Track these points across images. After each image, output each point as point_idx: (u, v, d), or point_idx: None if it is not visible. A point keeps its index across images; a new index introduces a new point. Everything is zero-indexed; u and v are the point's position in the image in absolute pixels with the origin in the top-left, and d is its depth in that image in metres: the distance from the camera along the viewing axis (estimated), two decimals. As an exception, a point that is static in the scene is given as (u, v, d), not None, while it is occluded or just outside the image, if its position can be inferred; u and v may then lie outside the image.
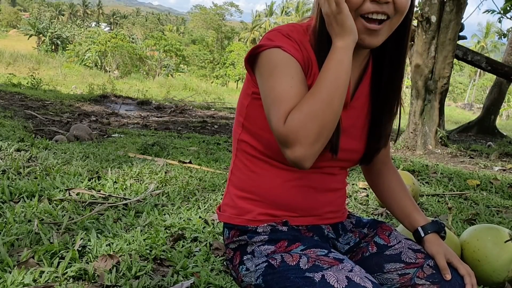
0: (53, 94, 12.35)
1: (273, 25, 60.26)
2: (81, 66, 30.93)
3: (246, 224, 1.16)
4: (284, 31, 1.07)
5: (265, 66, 1.04)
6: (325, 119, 0.96)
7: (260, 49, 1.05)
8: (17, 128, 5.68)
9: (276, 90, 1.00)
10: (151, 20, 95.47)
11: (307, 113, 0.95)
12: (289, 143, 0.95)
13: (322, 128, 0.95)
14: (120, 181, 3.36)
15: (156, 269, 2.03)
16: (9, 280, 1.72)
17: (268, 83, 1.03)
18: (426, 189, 4.02)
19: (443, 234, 1.23)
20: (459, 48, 8.19)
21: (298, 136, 0.94)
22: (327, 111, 0.96)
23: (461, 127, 12.84)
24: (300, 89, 1.00)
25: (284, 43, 1.04)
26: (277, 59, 1.03)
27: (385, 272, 1.17)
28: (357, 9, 1.02)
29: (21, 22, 63.99)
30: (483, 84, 46.72)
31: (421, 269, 1.13)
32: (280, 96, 0.99)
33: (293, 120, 0.95)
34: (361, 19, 1.03)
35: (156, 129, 7.98)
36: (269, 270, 1.06)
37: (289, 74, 1.01)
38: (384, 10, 1.02)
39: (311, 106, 0.95)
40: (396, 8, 1.03)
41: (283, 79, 1.01)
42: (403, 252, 1.17)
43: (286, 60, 1.02)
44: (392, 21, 1.05)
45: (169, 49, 38.63)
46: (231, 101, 18.11)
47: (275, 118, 0.98)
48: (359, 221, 1.31)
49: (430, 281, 1.11)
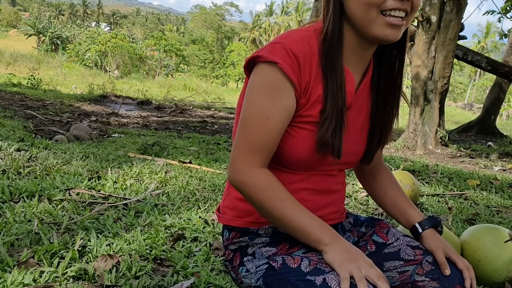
0: (53, 94, 12.35)
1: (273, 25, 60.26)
2: (81, 66, 30.90)
3: (248, 226, 1.16)
4: (288, 45, 1.04)
5: (256, 78, 1.05)
6: (267, 214, 1.07)
7: (258, 59, 1.05)
8: (17, 128, 5.68)
9: (255, 112, 1.05)
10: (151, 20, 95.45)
11: (263, 206, 1.06)
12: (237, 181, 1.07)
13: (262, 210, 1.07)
14: (120, 181, 3.36)
15: (156, 269, 2.03)
16: (9, 280, 1.72)
17: (251, 97, 1.05)
18: (426, 189, 4.02)
19: (440, 229, 1.24)
20: (459, 48, 8.19)
21: (245, 191, 1.07)
22: (262, 214, 1.09)
23: (461, 127, 12.84)
24: (275, 123, 1.04)
25: (282, 60, 1.02)
26: (269, 77, 1.03)
27: (384, 270, 1.17)
28: (380, 5, 1.02)
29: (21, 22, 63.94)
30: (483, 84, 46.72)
31: (420, 265, 1.14)
32: (256, 123, 1.04)
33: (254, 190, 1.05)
34: (383, 17, 1.03)
35: (156, 129, 7.98)
36: (269, 272, 1.06)
37: (273, 100, 1.03)
38: (405, 7, 1.04)
39: (268, 210, 1.05)
40: (412, 5, 1.05)
41: (264, 103, 1.03)
42: (401, 249, 1.18)
43: (276, 82, 1.03)
44: (409, 17, 1.06)
45: (169, 49, 38.65)
46: (231, 101, 18.12)
47: (241, 156, 1.06)
48: (356, 219, 1.31)
49: (430, 277, 1.12)
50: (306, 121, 1.08)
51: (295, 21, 58.49)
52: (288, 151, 1.10)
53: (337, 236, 1.03)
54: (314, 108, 1.08)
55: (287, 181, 1.14)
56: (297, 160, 1.11)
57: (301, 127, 1.09)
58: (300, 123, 1.08)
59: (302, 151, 1.09)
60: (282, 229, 1.08)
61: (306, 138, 1.08)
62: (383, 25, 1.03)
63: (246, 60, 1.09)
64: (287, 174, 1.14)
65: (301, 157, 1.10)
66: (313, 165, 1.13)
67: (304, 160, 1.11)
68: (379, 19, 1.03)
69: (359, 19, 1.05)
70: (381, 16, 1.03)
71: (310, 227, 1.03)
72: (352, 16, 1.06)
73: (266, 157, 1.07)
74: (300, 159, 1.10)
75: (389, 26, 1.03)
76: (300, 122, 1.08)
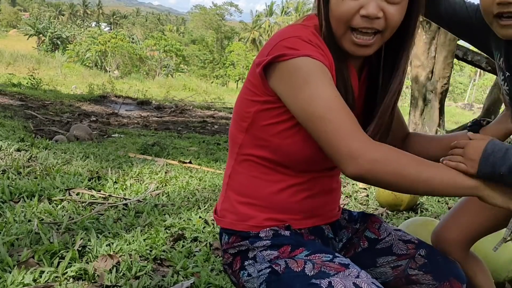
0: (53, 94, 12.35)
1: (273, 25, 60.20)
2: (81, 66, 30.88)
3: (250, 230, 1.14)
4: (305, 36, 1.02)
5: (294, 75, 0.99)
6: (399, 186, 0.96)
7: (283, 58, 0.99)
8: (17, 128, 5.69)
9: (322, 98, 0.97)
10: (151, 20, 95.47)
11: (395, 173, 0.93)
12: (367, 163, 0.92)
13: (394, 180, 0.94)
14: (120, 181, 3.36)
15: (156, 269, 2.03)
16: (9, 280, 1.72)
17: (305, 92, 0.98)
18: (426, 189, 4.02)
19: (486, 122, 1.28)
20: (459, 48, 8.19)
21: (378, 169, 0.93)
22: (404, 186, 0.95)
23: (461, 127, 12.84)
24: (341, 98, 0.98)
25: (311, 51, 1.00)
26: (308, 67, 0.98)
27: (378, 266, 1.18)
28: (347, 22, 1.01)
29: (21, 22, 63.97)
30: (483, 84, 46.71)
31: (413, 259, 1.15)
32: (334, 106, 0.96)
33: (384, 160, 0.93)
34: (350, 33, 1.02)
35: (156, 129, 7.98)
36: (273, 276, 1.04)
37: (327, 83, 0.98)
38: (374, 26, 1.01)
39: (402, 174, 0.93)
40: (387, 24, 1.02)
41: (324, 88, 0.97)
42: (394, 244, 1.19)
43: (319, 68, 0.99)
44: (384, 34, 1.04)
45: (169, 49, 38.61)
46: (231, 101, 18.10)
47: (353, 141, 0.94)
48: (350, 215, 1.31)
49: (423, 271, 1.13)
50: None
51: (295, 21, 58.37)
52: (295, 150, 1.09)
53: (477, 178, 0.96)
54: None
55: (288, 182, 1.13)
56: (304, 159, 1.10)
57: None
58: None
59: (309, 149, 1.08)
60: (429, 191, 0.98)
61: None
62: (350, 42, 1.03)
63: (263, 63, 1.02)
64: (290, 176, 1.14)
65: (308, 154, 1.09)
66: (318, 163, 1.13)
67: (311, 159, 1.10)
68: (347, 35, 1.03)
69: (334, 32, 1.05)
70: (349, 33, 1.03)
71: (456, 176, 0.96)
72: (332, 26, 1.06)
73: (362, 129, 1.00)
74: (307, 157, 1.10)
75: (355, 44, 1.03)
76: None
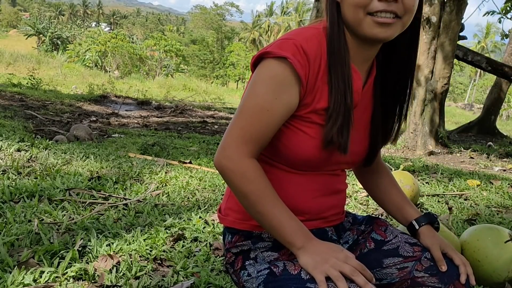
0: (53, 94, 12.34)
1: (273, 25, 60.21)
2: (81, 66, 30.85)
3: (253, 229, 1.15)
4: (299, 41, 1.04)
5: (262, 71, 1.04)
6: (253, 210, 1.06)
7: (267, 55, 1.04)
8: (17, 128, 5.68)
9: (253, 99, 1.04)
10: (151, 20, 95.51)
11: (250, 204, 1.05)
12: (225, 167, 1.05)
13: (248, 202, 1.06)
14: (120, 181, 3.36)
15: (156, 269, 2.03)
16: (9, 280, 1.72)
17: (255, 88, 1.04)
18: (426, 189, 4.02)
19: (437, 225, 1.25)
20: (460, 49, 8.19)
21: (231, 178, 1.06)
22: (251, 210, 1.07)
23: (461, 127, 12.83)
24: (274, 116, 1.03)
25: (292, 55, 1.01)
26: (277, 71, 1.02)
27: (384, 267, 1.18)
28: (366, 7, 1.02)
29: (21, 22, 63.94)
30: (483, 84, 46.72)
31: (419, 262, 1.15)
32: (255, 110, 1.03)
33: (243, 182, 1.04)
34: (370, 17, 1.03)
35: (156, 129, 7.97)
36: (270, 277, 1.05)
37: (277, 93, 1.02)
38: (393, 9, 1.02)
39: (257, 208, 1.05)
40: (404, 8, 1.03)
41: (267, 96, 1.02)
42: (400, 246, 1.19)
43: (283, 77, 1.02)
44: (403, 20, 1.05)
45: (169, 49, 38.60)
46: (231, 101, 18.11)
47: (234, 144, 1.04)
48: (355, 218, 1.32)
49: (429, 273, 1.12)
50: (312, 120, 1.08)
51: (295, 21, 58.51)
52: (296, 150, 1.10)
53: (310, 239, 1.03)
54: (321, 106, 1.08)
55: (293, 182, 1.14)
56: (305, 159, 1.11)
57: (308, 126, 1.08)
58: (308, 122, 1.08)
59: (310, 149, 1.09)
60: (261, 225, 1.08)
61: (314, 137, 1.08)
62: (371, 24, 1.03)
63: (254, 57, 1.08)
64: (294, 175, 1.14)
65: (309, 155, 1.10)
66: (320, 164, 1.13)
67: (312, 159, 1.11)
68: (367, 19, 1.03)
69: (350, 20, 1.06)
70: (368, 17, 1.03)
71: (286, 228, 1.03)
72: (345, 17, 1.07)
73: (258, 148, 1.07)
74: (308, 157, 1.10)
75: (377, 24, 1.03)
76: (307, 121, 1.08)
